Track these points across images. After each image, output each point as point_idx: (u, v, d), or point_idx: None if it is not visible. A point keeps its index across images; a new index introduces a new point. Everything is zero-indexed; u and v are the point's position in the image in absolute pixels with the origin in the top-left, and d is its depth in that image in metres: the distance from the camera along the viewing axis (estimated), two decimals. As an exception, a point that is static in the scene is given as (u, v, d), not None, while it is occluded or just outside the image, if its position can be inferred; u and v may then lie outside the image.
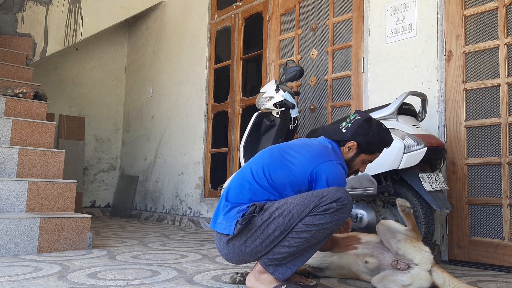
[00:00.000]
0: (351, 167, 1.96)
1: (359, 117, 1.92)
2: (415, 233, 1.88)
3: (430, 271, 1.86)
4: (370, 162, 1.99)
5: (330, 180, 1.76)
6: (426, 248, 1.89)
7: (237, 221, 1.71)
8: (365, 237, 2.10)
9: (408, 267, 1.85)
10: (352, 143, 1.90)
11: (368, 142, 1.89)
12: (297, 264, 1.75)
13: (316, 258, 2.19)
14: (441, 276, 1.85)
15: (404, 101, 2.51)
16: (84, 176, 6.05)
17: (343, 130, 1.92)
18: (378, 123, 1.93)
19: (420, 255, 1.86)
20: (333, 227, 1.71)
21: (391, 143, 1.97)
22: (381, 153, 2.06)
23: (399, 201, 1.84)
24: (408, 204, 1.83)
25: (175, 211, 5.13)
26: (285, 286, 1.73)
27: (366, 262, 2.00)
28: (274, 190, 1.79)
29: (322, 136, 2.00)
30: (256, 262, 1.85)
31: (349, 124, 1.92)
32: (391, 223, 1.95)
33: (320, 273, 2.22)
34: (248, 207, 1.73)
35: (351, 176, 2.46)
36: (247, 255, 1.77)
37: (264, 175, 1.80)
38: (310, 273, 2.22)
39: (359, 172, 2.03)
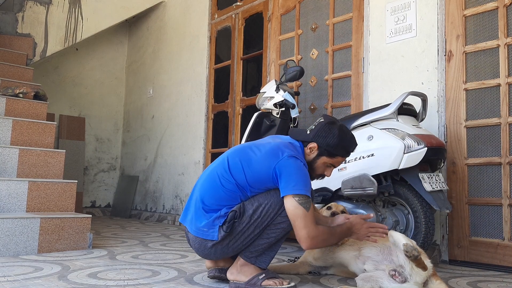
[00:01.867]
0: (314, 169, 1.97)
1: (323, 120, 1.98)
2: (421, 269, 1.76)
3: (426, 282, 1.79)
4: (334, 166, 2.00)
5: (293, 175, 1.80)
6: (430, 265, 1.80)
7: (220, 227, 1.82)
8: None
9: (404, 281, 1.78)
10: (313, 145, 1.94)
11: (327, 144, 1.92)
12: (275, 250, 1.92)
13: (320, 259, 2.20)
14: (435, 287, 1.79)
15: (404, 101, 2.51)
16: (84, 176, 6.05)
17: (308, 132, 1.98)
18: (341, 128, 1.95)
19: (422, 276, 1.77)
20: None
21: (352, 148, 1.98)
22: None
23: (406, 247, 1.70)
24: (415, 252, 1.69)
25: (175, 211, 5.13)
26: (264, 275, 1.88)
27: (364, 270, 1.97)
28: (242, 191, 1.86)
29: (289, 136, 2.05)
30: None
31: (313, 127, 1.98)
32: (399, 245, 1.78)
33: (324, 270, 2.26)
34: (226, 213, 1.82)
35: (350, 177, 2.47)
36: (228, 253, 1.92)
37: (232, 176, 1.86)
38: (312, 272, 2.25)
39: (325, 177, 2.04)
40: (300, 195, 1.77)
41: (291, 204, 1.77)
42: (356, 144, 2.00)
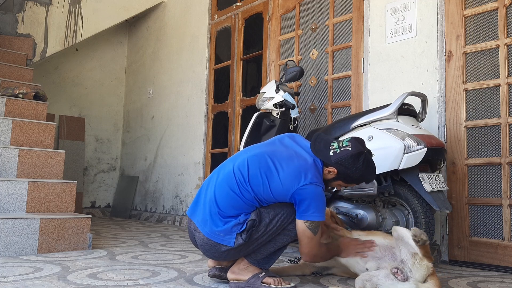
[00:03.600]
0: (327, 185, 2.01)
1: (350, 148, 1.89)
2: (427, 259, 1.78)
3: (425, 281, 1.79)
4: (346, 187, 2.07)
5: (311, 202, 1.84)
6: (430, 265, 1.80)
7: (238, 234, 1.84)
8: (379, 239, 2.07)
9: (406, 279, 1.80)
10: (333, 169, 1.92)
11: (347, 175, 1.92)
12: (279, 254, 1.99)
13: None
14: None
15: (404, 102, 2.50)
16: (84, 176, 6.05)
17: (331, 153, 1.91)
18: (365, 160, 1.89)
19: (422, 272, 1.78)
20: None
21: (369, 181, 2.03)
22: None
23: (415, 231, 1.76)
24: (424, 236, 1.74)
25: (175, 212, 5.13)
26: (264, 273, 1.94)
27: (366, 269, 2.00)
28: (258, 201, 1.90)
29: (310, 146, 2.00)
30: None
31: (338, 150, 1.90)
32: (406, 236, 1.81)
33: (326, 271, 2.28)
34: (245, 220, 1.85)
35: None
36: (238, 257, 1.97)
37: (251, 188, 1.87)
38: (315, 272, 2.27)
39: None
40: (312, 221, 1.85)
41: (301, 228, 1.87)
42: (375, 176, 2.02)
